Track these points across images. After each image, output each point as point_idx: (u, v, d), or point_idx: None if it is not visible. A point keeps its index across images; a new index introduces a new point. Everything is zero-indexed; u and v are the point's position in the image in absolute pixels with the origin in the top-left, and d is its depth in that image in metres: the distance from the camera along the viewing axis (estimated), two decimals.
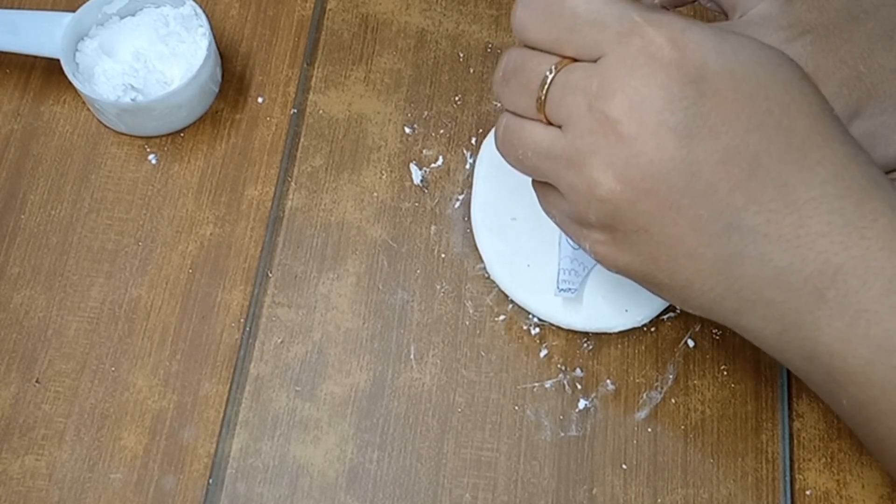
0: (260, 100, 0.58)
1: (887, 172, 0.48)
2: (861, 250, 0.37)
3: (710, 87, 0.38)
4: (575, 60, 0.40)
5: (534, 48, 0.41)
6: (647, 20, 0.39)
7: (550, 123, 0.41)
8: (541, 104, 0.41)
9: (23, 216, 0.54)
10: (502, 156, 0.44)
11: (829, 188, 0.38)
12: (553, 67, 0.40)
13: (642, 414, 0.50)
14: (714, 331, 0.51)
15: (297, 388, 0.50)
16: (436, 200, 0.55)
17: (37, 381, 0.50)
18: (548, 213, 0.44)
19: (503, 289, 0.51)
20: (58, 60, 0.55)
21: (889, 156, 0.48)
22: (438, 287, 0.52)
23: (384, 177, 0.55)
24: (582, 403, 0.50)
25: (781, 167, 0.38)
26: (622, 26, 0.39)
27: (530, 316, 0.52)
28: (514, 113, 0.43)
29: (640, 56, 0.38)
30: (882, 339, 0.37)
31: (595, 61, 0.39)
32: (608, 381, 0.50)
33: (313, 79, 0.58)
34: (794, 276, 0.38)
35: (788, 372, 0.49)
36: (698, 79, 0.38)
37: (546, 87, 0.41)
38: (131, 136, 0.57)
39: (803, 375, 0.41)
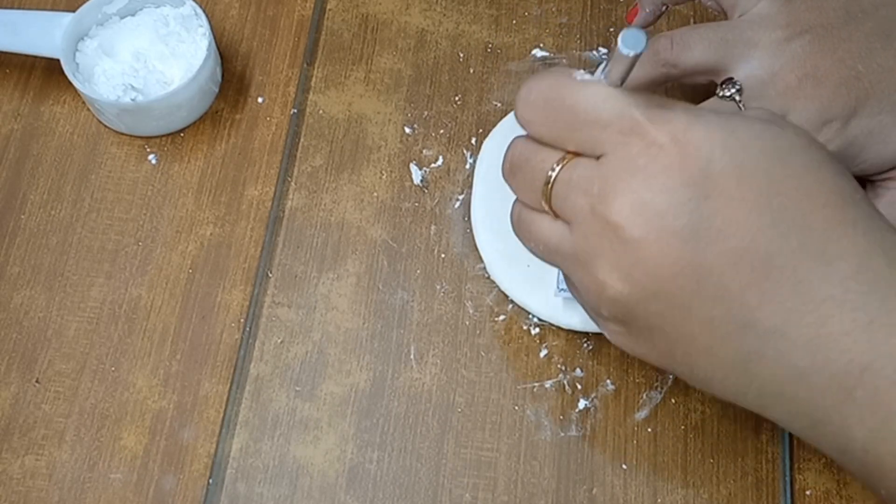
0: (260, 100, 0.58)
1: (886, 171, 0.49)
2: (890, 348, 0.35)
3: (715, 188, 0.36)
4: (579, 154, 0.39)
5: (538, 141, 0.40)
6: (649, 117, 0.37)
7: (559, 216, 0.40)
8: (547, 200, 0.40)
9: (23, 216, 0.54)
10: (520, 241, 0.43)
11: (851, 284, 0.36)
12: (556, 164, 0.39)
13: (642, 414, 0.50)
14: None
15: (297, 388, 0.50)
16: (436, 200, 0.55)
17: (37, 381, 0.50)
18: (572, 293, 0.43)
19: (503, 289, 0.51)
20: (58, 60, 0.55)
21: (887, 154, 0.48)
22: (438, 287, 0.52)
23: (384, 177, 0.55)
24: (582, 403, 0.50)
25: (797, 265, 0.36)
26: (623, 124, 0.37)
27: (530, 316, 0.52)
28: (524, 204, 0.42)
29: (640, 157, 0.37)
30: None
31: (598, 157, 0.38)
32: (608, 381, 0.50)
33: (313, 79, 0.58)
34: (817, 375, 0.36)
35: None
36: (703, 179, 0.36)
37: (550, 184, 0.39)
38: (131, 136, 0.57)
39: (840, 463, 0.39)
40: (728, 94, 0.47)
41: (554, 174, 0.39)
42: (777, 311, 0.36)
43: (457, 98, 0.58)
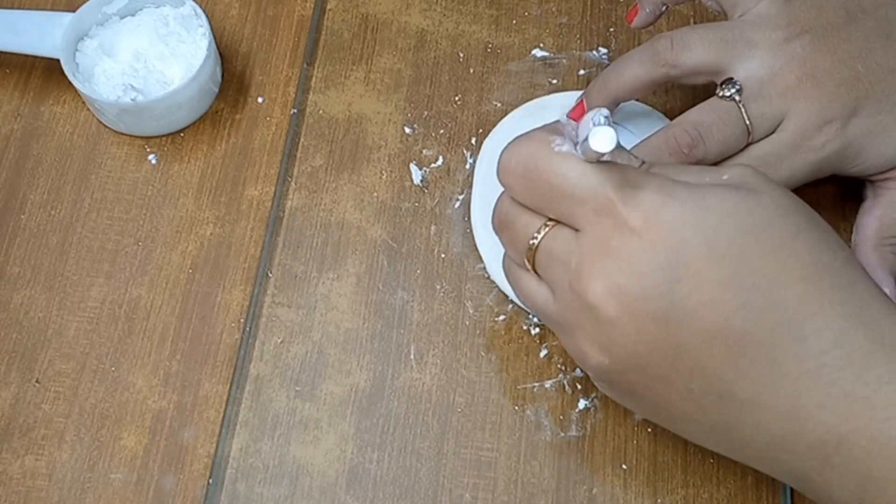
0: (260, 100, 0.58)
1: (886, 171, 0.49)
2: (865, 420, 0.36)
3: (688, 270, 0.36)
4: (560, 222, 0.40)
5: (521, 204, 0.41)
6: (623, 198, 0.37)
7: (543, 280, 0.41)
8: (531, 263, 0.41)
9: (23, 216, 0.54)
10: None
11: (827, 359, 0.36)
12: (538, 231, 0.40)
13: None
14: None
15: (297, 388, 0.50)
16: (436, 200, 0.55)
17: (37, 381, 0.50)
18: None
19: (503, 289, 0.51)
20: (58, 60, 0.55)
21: (887, 154, 0.48)
22: (438, 287, 0.52)
23: (384, 177, 0.55)
24: (582, 403, 0.50)
25: (771, 343, 0.36)
26: (597, 203, 0.38)
27: (530, 316, 0.52)
28: (512, 260, 0.43)
29: (614, 238, 0.37)
30: None
31: (577, 230, 0.39)
32: None
33: (313, 79, 0.58)
34: (794, 443, 0.37)
35: None
36: (675, 262, 0.36)
37: (534, 250, 0.41)
38: (131, 136, 0.57)
39: None
40: (728, 94, 0.47)
41: (536, 241, 0.40)
42: (753, 385, 0.37)
43: (457, 98, 0.58)
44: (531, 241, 0.41)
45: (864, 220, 0.50)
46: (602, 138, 0.37)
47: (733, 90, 0.47)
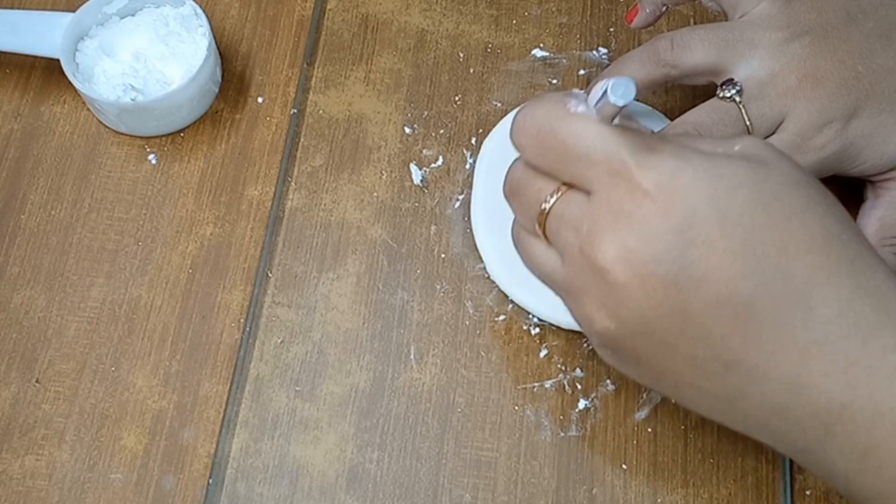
0: (260, 100, 0.58)
1: (887, 171, 0.49)
2: (868, 389, 0.36)
3: (699, 236, 0.36)
4: (573, 186, 0.40)
5: (534, 168, 0.41)
6: (637, 161, 0.37)
7: (552, 245, 0.41)
8: (542, 228, 0.41)
9: (23, 216, 0.54)
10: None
11: (832, 328, 0.36)
12: (550, 196, 0.40)
13: (642, 414, 0.50)
14: None
15: (297, 388, 0.50)
16: (436, 200, 0.55)
17: (37, 381, 0.50)
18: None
19: (503, 289, 0.51)
20: (58, 60, 0.55)
21: (887, 154, 0.48)
22: (438, 287, 0.52)
23: (384, 177, 0.55)
24: (582, 403, 0.50)
25: (778, 312, 0.37)
26: (611, 165, 0.38)
27: (530, 316, 0.52)
28: (522, 226, 0.43)
29: (626, 201, 0.37)
30: (895, 476, 0.36)
31: (589, 193, 0.39)
32: (608, 381, 0.50)
33: (313, 79, 0.58)
34: (798, 411, 0.37)
35: None
36: (686, 228, 0.36)
37: (545, 214, 0.40)
38: (131, 136, 0.57)
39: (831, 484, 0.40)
40: (728, 94, 0.47)
41: (548, 206, 0.40)
42: (759, 353, 0.37)
43: (457, 98, 0.58)
44: (543, 206, 0.40)
45: (864, 220, 0.50)
46: (622, 89, 0.36)
47: (734, 91, 0.47)
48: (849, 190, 0.53)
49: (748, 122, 0.46)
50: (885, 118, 0.47)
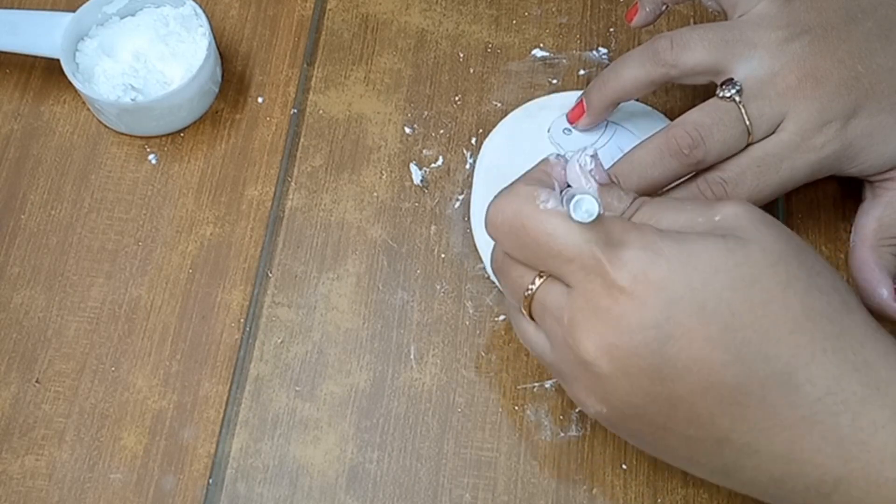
0: (260, 100, 0.58)
1: (886, 171, 0.49)
2: (861, 463, 0.36)
3: (677, 329, 0.37)
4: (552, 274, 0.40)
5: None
6: (609, 258, 0.37)
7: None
8: (528, 312, 0.42)
9: (23, 216, 0.54)
10: None
11: (821, 405, 0.37)
12: (531, 283, 0.41)
13: None
14: None
15: (297, 388, 0.50)
16: (436, 200, 0.55)
17: (37, 381, 0.50)
18: None
19: (503, 289, 0.51)
20: (58, 60, 0.55)
21: (886, 154, 0.48)
22: (438, 287, 0.52)
23: (384, 177, 0.55)
24: None
25: (765, 393, 0.37)
26: (584, 262, 0.38)
27: None
28: (512, 304, 0.44)
29: (603, 297, 0.38)
30: None
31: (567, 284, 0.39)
32: None
33: (313, 79, 0.58)
34: (793, 482, 0.38)
35: None
36: (665, 321, 0.37)
37: (529, 300, 0.41)
38: (131, 136, 0.57)
39: None
40: (728, 94, 0.47)
41: (531, 292, 0.41)
42: (749, 432, 0.37)
43: (457, 98, 0.58)
44: (527, 291, 0.41)
45: (863, 220, 0.50)
46: (584, 210, 0.37)
47: (733, 91, 0.47)
48: (849, 190, 0.53)
49: (748, 122, 0.46)
50: (884, 118, 0.47)
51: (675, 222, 0.40)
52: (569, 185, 0.42)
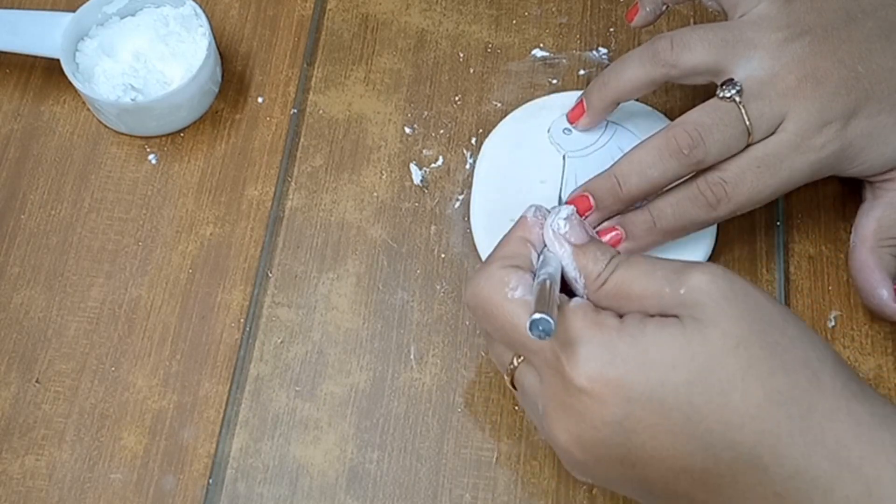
0: (260, 100, 0.58)
1: (886, 171, 0.49)
2: None
3: (638, 424, 0.38)
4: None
5: None
6: (567, 358, 0.38)
7: None
8: (512, 386, 0.44)
9: (23, 216, 0.54)
10: None
11: (791, 483, 0.37)
12: (510, 363, 0.43)
13: None
14: None
15: (297, 388, 0.50)
16: (436, 200, 0.55)
17: (37, 381, 0.50)
18: None
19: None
20: (58, 60, 0.55)
21: (886, 155, 0.48)
22: (438, 287, 0.52)
23: (384, 177, 0.55)
24: None
25: (735, 474, 0.37)
26: (546, 356, 0.40)
27: None
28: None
29: (566, 394, 0.39)
30: None
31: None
32: None
33: (313, 79, 0.58)
34: None
35: None
36: (625, 418, 0.38)
37: (510, 375, 0.43)
38: (131, 136, 0.57)
39: None
40: (728, 94, 0.47)
41: (512, 368, 0.43)
42: (728, 503, 0.38)
43: (457, 98, 0.58)
44: (509, 366, 0.43)
45: (863, 221, 0.50)
46: (540, 329, 0.37)
47: (733, 91, 0.47)
48: (849, 190, 0.53)
49: (748, 123, 0.46)
50: (884, 118, 0.47)
51: (646, 289, 0.40)
52: (545, 247, 0.44)
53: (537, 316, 0.37)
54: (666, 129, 0.48)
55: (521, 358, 0.42)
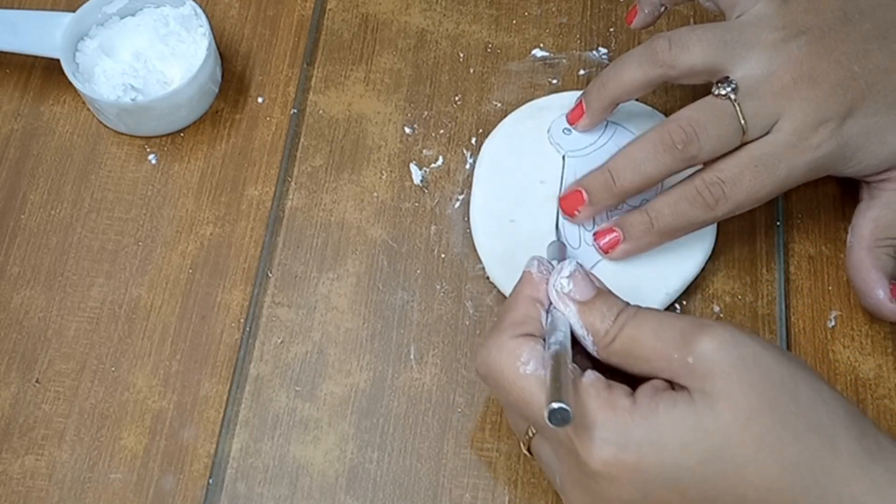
0: (260, 100, 0.58)
1: (882, 171, 0.49)
2: None
3: (655, 500, 0.38)
4: None
5: None
6: (582, 440, 0.39)
7: None
8: (528, 452, 0.45)
9: (23, 216, 0.55)
10: None
11: None
12: (526, 433, 0.43)
13: None
14: None
15: (297, 388, 0.50)
16: (436, 200, 0.55)
17: (37, 381, 0.50)
18: None
19: (502, 289, 0.51)
20: (58, 60, 0.55)
21: (883, 155, 0.48)
22: (438, 287, 0.52)
23: (384, 177, 0.55)
24: None
25: None
26: (559, 438, 0.40)
27: None
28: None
29: (580, 475, 0.39)
30: None
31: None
32: None
33: (313, 79, 0.58)
34: None
35: None
36: (642, 496, 0.38)
37: (527, 444, 0.44)
38: (131, 136, 0.57)
39: None
40: (723, 92, 0.47)
41: (528, 438, 0.43)
42: None
43: (457, 98, 0.58)
44: (525, 436, 0.43)
45: (860, 221, 0.50)
46: (559, 418, 0.37)
47: (729, 88, 0.47)
48: (848, 190, 0.53)
49: (742, 121, 0.46)
50: (880, 118, 0.47)
51: (654, 351, 0.40)
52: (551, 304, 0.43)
53: (555, 406, 0.37)
54: (660, 125, 0.48)
55: (535, 432, 0.43)
